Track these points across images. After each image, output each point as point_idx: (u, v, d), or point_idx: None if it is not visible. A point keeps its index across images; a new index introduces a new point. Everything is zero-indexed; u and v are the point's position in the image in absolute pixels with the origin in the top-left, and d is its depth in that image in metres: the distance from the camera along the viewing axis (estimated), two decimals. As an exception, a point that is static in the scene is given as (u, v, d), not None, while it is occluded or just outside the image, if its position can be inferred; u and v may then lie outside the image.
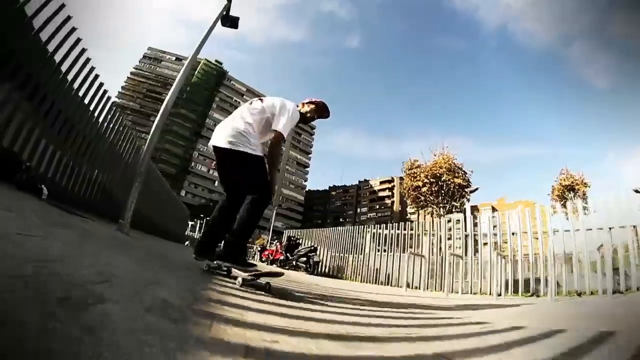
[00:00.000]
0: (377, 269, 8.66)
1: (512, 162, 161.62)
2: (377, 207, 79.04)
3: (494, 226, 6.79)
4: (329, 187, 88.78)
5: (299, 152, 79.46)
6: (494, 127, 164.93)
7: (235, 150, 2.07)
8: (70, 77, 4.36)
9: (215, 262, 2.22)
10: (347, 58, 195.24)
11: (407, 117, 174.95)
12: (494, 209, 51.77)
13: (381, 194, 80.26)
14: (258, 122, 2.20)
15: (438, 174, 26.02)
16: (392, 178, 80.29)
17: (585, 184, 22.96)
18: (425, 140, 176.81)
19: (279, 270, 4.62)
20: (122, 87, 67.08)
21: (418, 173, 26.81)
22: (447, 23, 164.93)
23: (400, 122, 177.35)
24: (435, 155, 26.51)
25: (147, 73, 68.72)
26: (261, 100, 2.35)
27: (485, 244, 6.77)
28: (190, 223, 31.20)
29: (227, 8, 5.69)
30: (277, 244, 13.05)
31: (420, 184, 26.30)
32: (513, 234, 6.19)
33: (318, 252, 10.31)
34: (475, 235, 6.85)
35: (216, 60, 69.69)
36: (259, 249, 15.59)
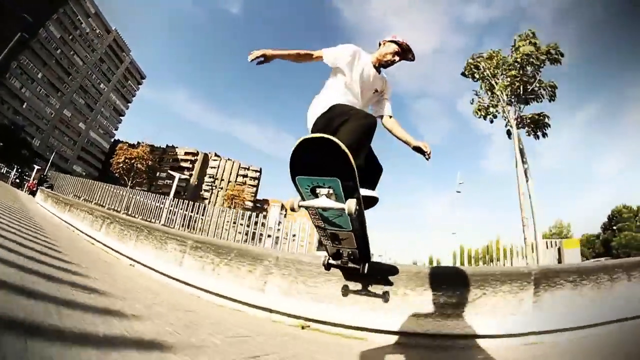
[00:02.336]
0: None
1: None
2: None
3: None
4: (137, 142, 79.93)
5: (119, 97, 69.88)
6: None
7: None
8: None
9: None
10: (224, 23, 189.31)
11: (248, 101, 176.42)
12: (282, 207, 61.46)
13: (183, 164, 76.74)
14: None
15: (131, 157, 50.11)
16: (197, 151, 78.26)
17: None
18: (261, 127, 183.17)
19: None
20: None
21: (121, 153, 50.73)
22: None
23: (239, 101, 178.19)
24: (140, 144, 53.49)
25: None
26: None
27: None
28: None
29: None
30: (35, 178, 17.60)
31: (120, 160, 49.76)
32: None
33: (54, 189, 13.13)
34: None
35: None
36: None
